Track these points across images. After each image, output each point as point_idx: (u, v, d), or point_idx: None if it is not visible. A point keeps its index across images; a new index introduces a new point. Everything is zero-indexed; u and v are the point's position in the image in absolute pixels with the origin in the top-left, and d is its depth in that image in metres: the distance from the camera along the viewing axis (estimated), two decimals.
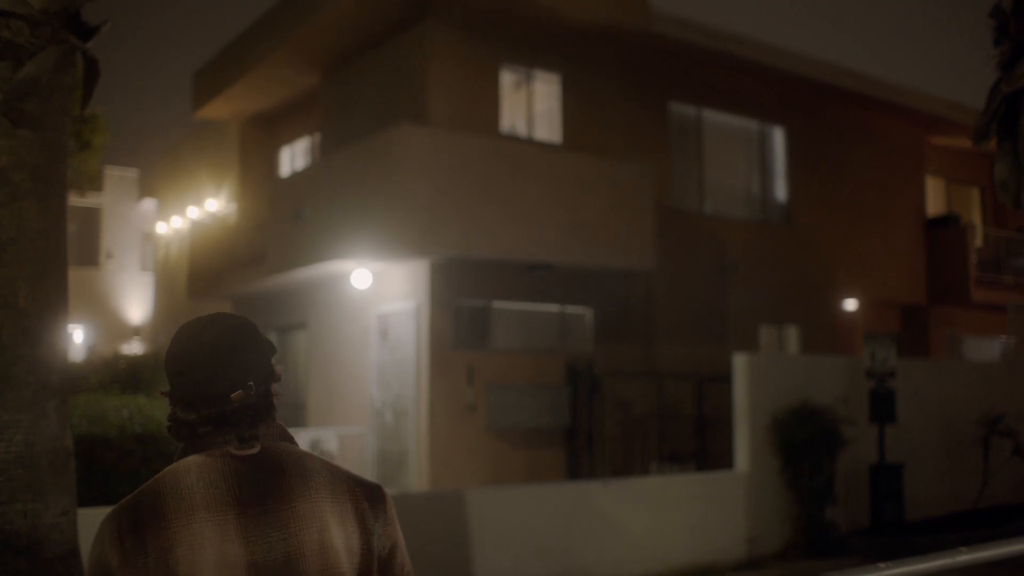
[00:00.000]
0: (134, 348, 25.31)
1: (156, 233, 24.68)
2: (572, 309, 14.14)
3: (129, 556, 1.85)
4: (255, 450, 1.98)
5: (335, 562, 1.93)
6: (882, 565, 3.29)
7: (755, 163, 17.39)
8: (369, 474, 13.38)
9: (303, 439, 12.33)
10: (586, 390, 13.53)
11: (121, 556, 1.85)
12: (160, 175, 24.76)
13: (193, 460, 1.95)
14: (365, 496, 2.07)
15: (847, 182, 18.53)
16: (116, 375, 14.60)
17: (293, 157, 18.83)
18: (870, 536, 10.79)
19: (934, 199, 21.34)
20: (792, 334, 17.20)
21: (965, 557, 3.54)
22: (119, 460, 8.41)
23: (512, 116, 14.62)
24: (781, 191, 17.66)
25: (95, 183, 17.82)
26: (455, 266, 12.78)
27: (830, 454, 10.78)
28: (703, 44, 15.30)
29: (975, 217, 22.20)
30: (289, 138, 18.81)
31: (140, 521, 1.88)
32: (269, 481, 1.95)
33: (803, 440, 10.59)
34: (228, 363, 1.98)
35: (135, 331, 27.79)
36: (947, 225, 19.79)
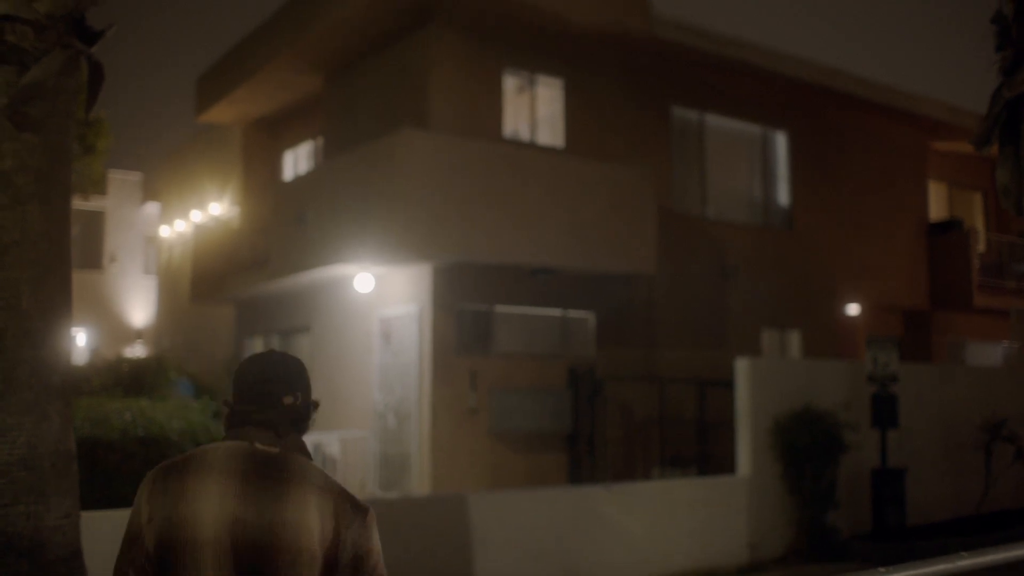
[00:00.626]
0: (137, 351, 25.33)
1: (159, 237, 24.72)
2: (574, 313, 14.15)
3: (155, 493, 2.46)
4: (275, 450, 2.47)
5: (308, 540, 2.36)
6: (882, 570, 3.30)
7: (757, 167, 17.40)
8: (371, 478, 13.39)
9: (306, 443, 12.29)
10: (588, 394, 13.53)
11: (149, 492, 2.48)
12: (163, 179, 24.80)
13: (226, 441, 2.50)
14: (350, 502, 2.48)
15: (849, 186, 18.52)
16: (119, 378, 14.62)
17: (296, 161, 18.85)
18: (872, 541, 10.79)
19: (936, 204, 21.32)
20: (794, 338, 17.20)
21: (966, 562, 3.54)
22: (121, 463, 8.43)
23: (515, 120, 14.63)
24: (783, 195, 17.66)
25: (99, 187, 17.87)
26: (457, 270, 12.79)
27: (832, 459, 10.78)
28: (705, 48, 15.31)
29: (977, 222, 22.18)
30: (292, 142, 18.84)
31: (170, 470, 2.47)
32: (275, 471, 2.43)
33: (805, 444, 10.58)
34: (270, 378, 2.55)
35: (138, 334, 27.82)
36: (949, 230, 19.77)
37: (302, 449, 2.54)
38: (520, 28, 13.85)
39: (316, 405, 2.64)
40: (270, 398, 2.53)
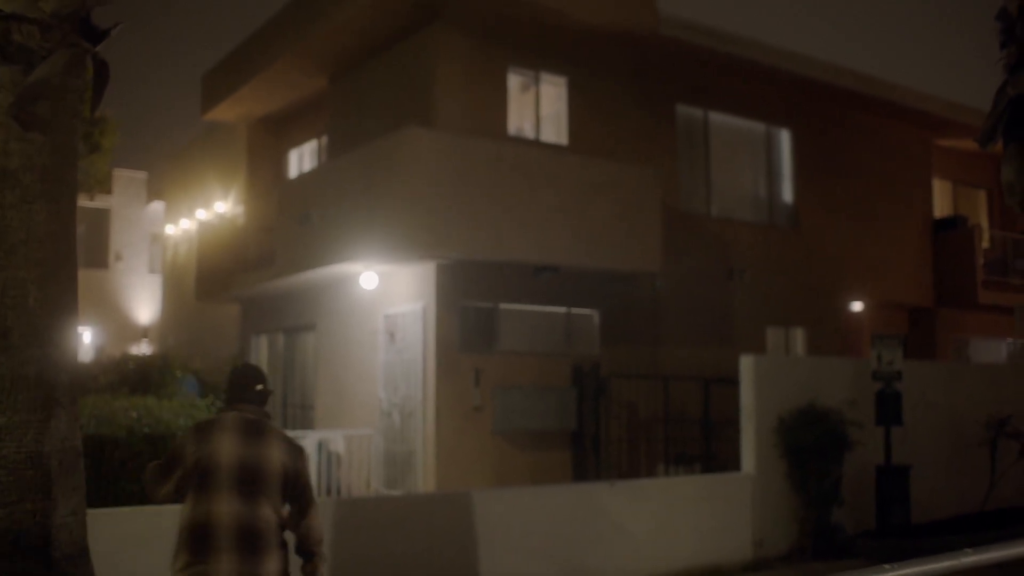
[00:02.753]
0: (143, 349, 25.38)
1: (164, 235, 24.77)
2: (578, 311, 14.16)
3: (189, 443, 4.45)
4: (255, 417, 4.63)
5: (275, 466, 4.46)
6: (888, 567, 3.30)
7: (762, 166, 17.39)
8: (376, 475, 13.42)
9: (311, 440, 12.37)
10: (592, 392, 13.54)
11: (193, 438, 4.48)
12: (168, 177, 24.84)
13: (230, 412, 4.63)
14: (292, 445, 4.64)
15: (854, 184, 18.51)
16: (125, 376, 14.68)
17: (301, 160, 18.88)
18: (876, 538, 10.78)
19: (941, 201, 21.30)
20: (798, 336, 17.19)
21: (971, 559, 3.54)
22: (128, 460, 8.46)
23: (519, 119, 14.64)
24: (788, 193, 17.65)
25: (104, 185, 17.92)
26: (462, 268, 12.81)
27: (837, 456, 10.77)
28: (710, 47, 15.31)
29: (982, 219, 22.16)
30: (297, 141, 18.86)
31: (202, 427, 4.55)
32: (257, 429, 4.54)
33: (810, 442, 10.58)
34: (249, 376, 4.76)
35: (144, 332, 27.88)
36: (954, 227, 19.75)
37: (267, 416, 4.77)
38: (524, 27, 13.85)
39: (271, 392, 4.88)
40: (250, 388, 4.76)
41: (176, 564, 4.46)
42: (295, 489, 4.59)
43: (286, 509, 4.63)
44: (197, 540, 4.38)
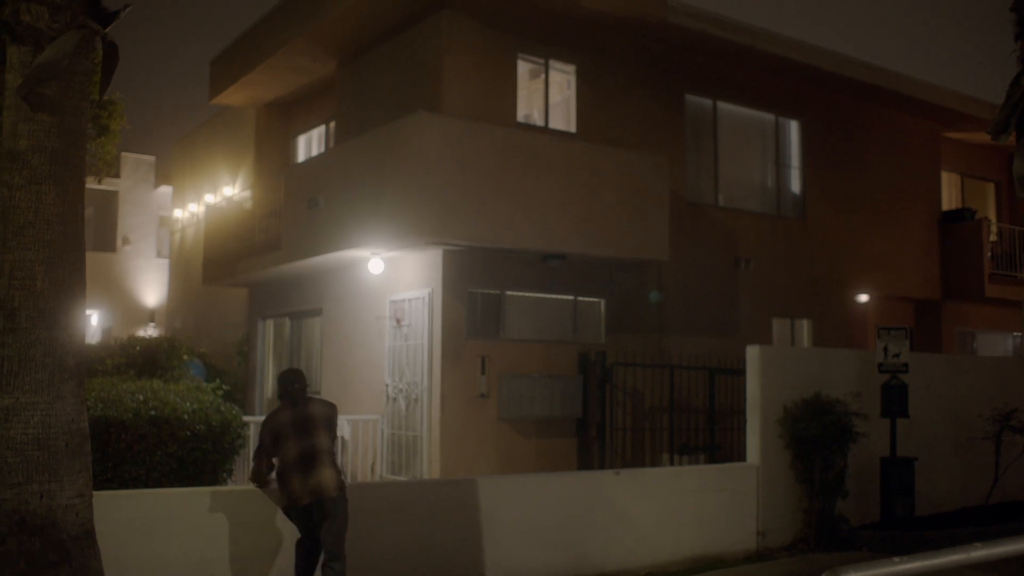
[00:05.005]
0: (150, 332, 25.43)
1: (172, 219, 24.79)
2: (585, 299, 14.15)
3: (269, 423, 7.36)
4: (301, 406, 7.46)
5: (321, 418, 7.40)
6: (897, 559, 3.29)
7: (770, 156, 17.34)
8: (381, 460, 13.44)
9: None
10: (598, 380, 13.54)
11: (268, 421, 7.41)
12: (177, 161, 24.85)
13: (282, 405, 7.50)
14: (329, 406, 7.63)
15: (862, 176, 18.45)
16: (131, 359, 14.69)
17: (309, 145, 18.86)
18: (880, 530, 10.79)
19: (949, 194, 21.23)
20: (804, 328, 17.17)
21: (980, 553, 3.52)
22: (134, 443, 8.47)
23: (528, 106, 14.60)
24: (795, 184, 17.60)
25: (112, 168, 17.91)
26: (469, 254, 12.80)
27: (841, 448, 10.76)
28: (719, 36, 15.25)
29: (990, 213, 22.07)
30: (305, 126, 18.84)
31: (271, 415, 7.44)
32: (304, 400, 7.50)
33: (815, 433, 10.57)
34: (292, 379, 7.61)
35: (151, 315, 27.94)
36: (962, 220, 19.67)
37: (310, 398, 7.59)
38: (533, 14, 13.80)
39: (307, 386, 7.71)
40: (291, 387, 7.52)
41: (288, 485, 7.15)
42: (333, 429, 7.46)
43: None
44: (293, 467, 7.17)
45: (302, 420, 7.23)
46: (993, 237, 19.91)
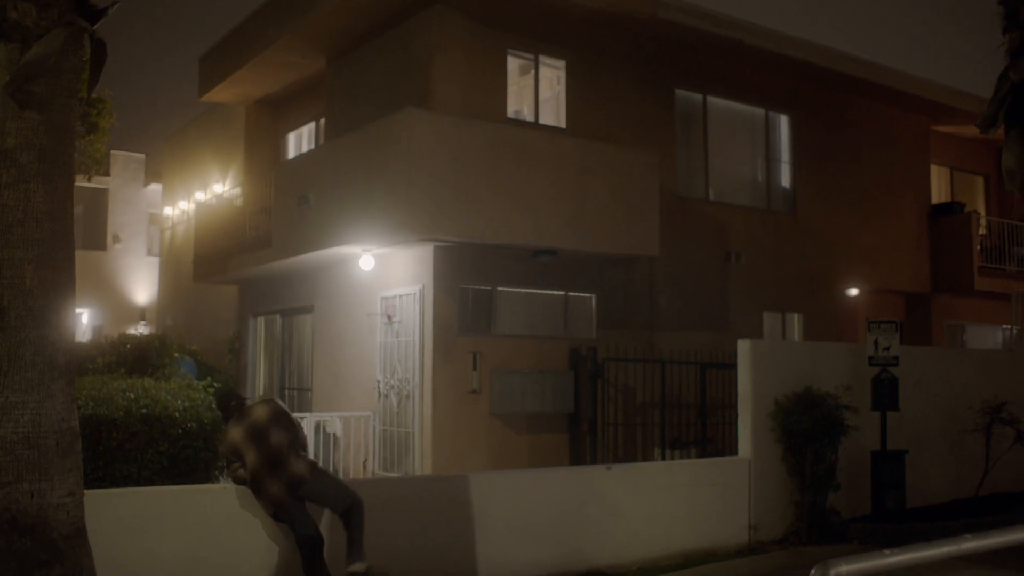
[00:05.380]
0: (140, 330, 25.37)
1: (162, 216, 24.73)
2: (576, 294, 14.16)
3: (225, 443, 7.49)
4: (246, 417, 7.52)
5: (269, 419, 7.41)
6: (887, 551, 3.30)
7: (760, 151, 17.37)
8: (372, 457, 13.44)
9: (308, 422, 12.38)
10: (589, 375, 13.55)
11: (223, 442, 7.55)
12: (166, 159, 24.78)
13: (230, 424, 7.53)
14: (270, 402, 7.64)
15: (852, 170, 18.49)
16: (122, 357, 14.66)
17: (299, 142, 18.82)
18: (871, 523, 10.81)
19: (938, 187, 21.29)
20: (795, 321, 17.21)
21: (970, 544, 3.54)
22: (124, 441, 8.46)
23: (518, 102, 14.60)
24: (786, 179, 17.63)
25: (102, 166, 17.83)
26: (459, 250, 12.79)
27: (832, 441, 10.78)
28: (709, 31, 15.26)
29: (979, 206, 22.15)
30: (295, 123, 18.81)
31: (223, 437, 7.55)
32: (272, 402, 7.67)
33: (806, 427, 10.59)
34: (228, 398, 7.81)
35: (141, 313, 27.88)
36: (951, 213, 19.74)
37: (273, 399, 7.83)
38: (523, 9, 13.79)
39: (245, 400, 7.88)
40: (230, 403, 7.74)
41: (267, 492, 7.25)
42: (283, 419, 7.52)
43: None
44: (264, 473, 7.30)
45: (252, 429, 7.32)
46: (982, 230, 19.99)
